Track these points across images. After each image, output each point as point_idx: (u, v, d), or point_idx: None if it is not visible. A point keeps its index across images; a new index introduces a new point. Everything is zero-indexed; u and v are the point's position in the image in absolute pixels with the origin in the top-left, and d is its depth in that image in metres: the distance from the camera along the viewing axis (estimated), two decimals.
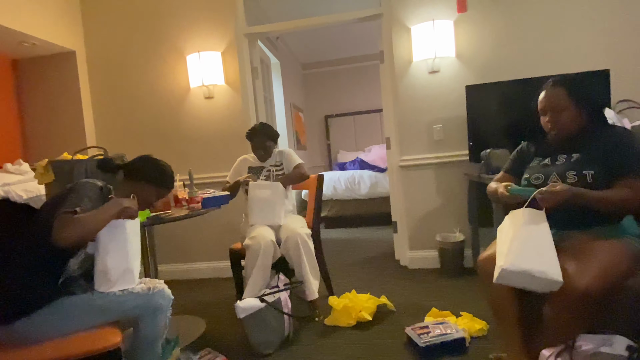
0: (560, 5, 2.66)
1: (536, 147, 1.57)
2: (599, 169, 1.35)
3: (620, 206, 1.32)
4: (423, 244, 2.95)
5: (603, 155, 1.37)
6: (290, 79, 5.53)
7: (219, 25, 3.04)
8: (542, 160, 1.51)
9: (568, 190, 1.27)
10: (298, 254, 2.05)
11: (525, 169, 1.54)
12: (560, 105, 1.43)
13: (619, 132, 1.42)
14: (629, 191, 1.30)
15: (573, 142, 1.46)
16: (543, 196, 1.29)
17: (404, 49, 2.87)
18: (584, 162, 1.39)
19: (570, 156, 1.43)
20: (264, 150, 2.37)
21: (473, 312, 1.97)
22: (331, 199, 4.69)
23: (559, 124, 1.45)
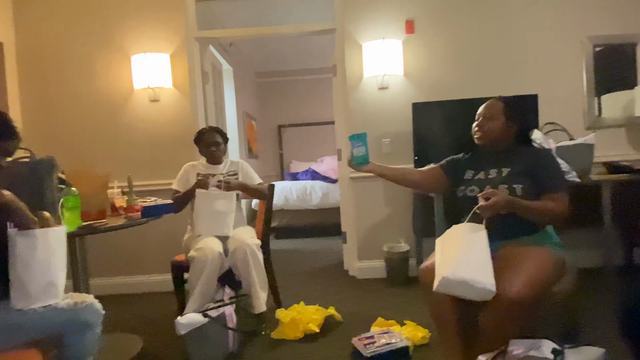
0: (497, 34, 2.89)
1: (470, 160, 1.69)
2: (527, 184, 1.48)
3: (547, 216, 1.45)
4: (371, 254, 3.01)
5: (530, 171, 1.50)
6: (244, 86, 5.45)
7: (168, 27, 2.93)
8: (476, 174, 1.62)
9: (504, 200, 1.36)
10: (246, 265, 1.98)
11: (460, 181, 1.64)
12: (492, 114, 1.57)
13: (544, 153, 1.58)
14: (554, 204, 1.44)
15: (502, 158, 1.58)
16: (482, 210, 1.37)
17: (355, 65, 2.95)
18: (513, 176, 1.51)
19: (501, 171, 1.55)
20: (216, 147, 2.27)
21: (416, 321, 2.03)
22: (282, 209, 4.64)
23: (483, 129, 1.58)
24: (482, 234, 1.38)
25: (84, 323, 1.25)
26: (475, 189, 1.55)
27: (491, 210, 1.37)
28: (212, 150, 2.27)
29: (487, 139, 1.59)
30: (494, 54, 2.90)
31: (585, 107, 2.88)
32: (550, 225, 1.56)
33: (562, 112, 2.82)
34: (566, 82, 2.88)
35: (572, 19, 2.86)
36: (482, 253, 1.34)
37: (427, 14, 2.91)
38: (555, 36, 2.87)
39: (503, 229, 1.49)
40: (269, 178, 6.00)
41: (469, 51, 2.91)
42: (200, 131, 2.33)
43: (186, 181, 2.27)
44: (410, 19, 2.91)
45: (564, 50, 2.88)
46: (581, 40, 2.86)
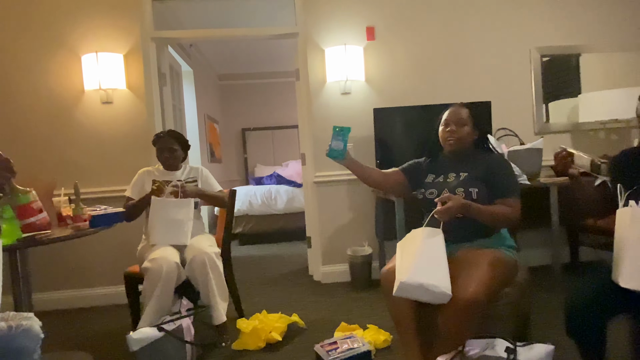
0: (452, 43, 3.00)
1: (430, 165, 1.74)
2: (482, 188, 1.54)
3: (500, 220, 1.51)
4: (335, 259, 3.01)
5: (486, 176, 1.56)
6: (205, 88, 5.31)
7: (122, 26, 2.79)
8: (435, 178, 1.67)
9: (460, 204, 1.41)
10: (205, 275, 1.91)
11: (421, 184, 1.69)
12: (463, 120, 1.63)
13: (499, 159, 1.64)
14: (507, 209, 1.50)
15: (462, 163, 1.64)
16: (439, 214, 1.41)
17: (318, 69, 2.95)
18: (470, 181, 1.57)
19: (459, 175, 1.61)
20: (169, 153, 2.17)
21: (379, 324, 2.04)
22: (247, 214, 4.56)
23: (458, 136, 1.62)
24: (439, 238, 1.41)
25: (18, 349, 1.13)
26: (434, 192, 1.60)
27: (447, 214, 1.41)
28: (165, 156, 2.17)
29: (460, 144, 1.63)
30: (449, 63, 3.00)
31: (534, 114, 3.05)
32: (505, 229, 1.63)
33: (513, 118, 2.97)
34: (517, 90, 3.04)
35: (521, 30, 3.02)
36: (438, 257, 1.38)
37: (387, 22, 2.96)
38: (506, 46, 3.02)
39: (460, 233, 1.55)
40: (233, 183, 5.88)
41: (427, 59, 2.99)
42: (157, 134, 2.23)
43: (141, 188, 2.16)
44: (370, 26, 2.95)
45: (515, 60, 3.03)
46: (530, 51, 3.03)
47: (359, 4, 2.95)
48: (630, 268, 1.16)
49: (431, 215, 1.44)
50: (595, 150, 2.98)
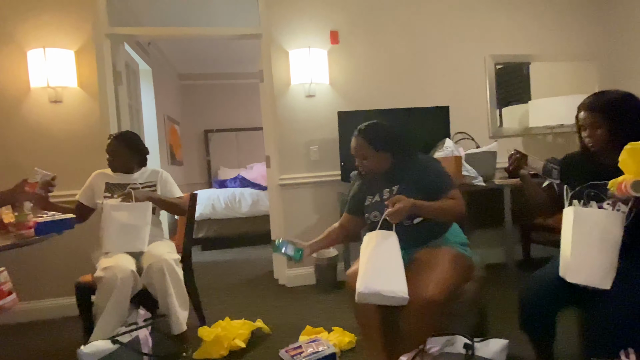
0: (413, 49, 3.09)
1: (368, 185, 1.71)
2: (418, 195, 1.51)
3: (449, 212, 1.53)
4: (301, 262, 2.98)
5: (417, 183, 1.56)
6: (165, 88, 5.13)
7: (73, 21, 2.63)
8: (372, 199, 1.66)
9: (409, 203, 1.42)
10: (163, 283, 1.82)
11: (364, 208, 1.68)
12: (363, 153, 1.59)
13: (423, 161, 1.63)
14: (453, 201, 1.53)
15: (390, 177, 1.63)
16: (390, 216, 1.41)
17: (282, 71, 2.93)
18: (403, 192, 1.54)
19: (392, 190, 1.60)
20: (113, 157, 2.05)
21: (344, 326, 2.05)
22: (210, 218, 4.44)
23: (367, 168, 1.62)
24: (393, 240, 1.43)
25: None
26: (378, 214, 1.57)
27: (398, 215, 1.41)
28: (109, 160, 2.06)
29: (370, 173, 1.64)
30: (410, 68, 3.09)
31: (489, 119, 3.20)
32: (455, 227, 1.67)
33: (470, 122, 3.10)
34: (473, 96, 3.18)
35: (477, 38, 3.17)
36: (393, 260, 1.39)
37: (350, 27, 3.00)
38: (463, 53, 3.16)
39: (413, 239, 1.57)
40: (195, 186, 5.71)
41: (389, 64, 3.06)
42: (108, 137, 2.12)
43: (91, 192, 2.04)
44: (334, 30, 2.98)
45: (471, 67, 3.17)
46: (485, 58, 3.18)
47: (323, 8, 2.97)
48: (576, 264, 1.24)
49: (383, 218, 1.45)
50: (543, 153, 3.17)
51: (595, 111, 1.34)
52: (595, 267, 1.21)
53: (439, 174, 1.58)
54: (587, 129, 1.37)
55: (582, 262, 1.23)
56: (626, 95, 1.34)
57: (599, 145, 1.35)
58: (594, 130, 1.35)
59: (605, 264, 1.21)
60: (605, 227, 1.22)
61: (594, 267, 1.21)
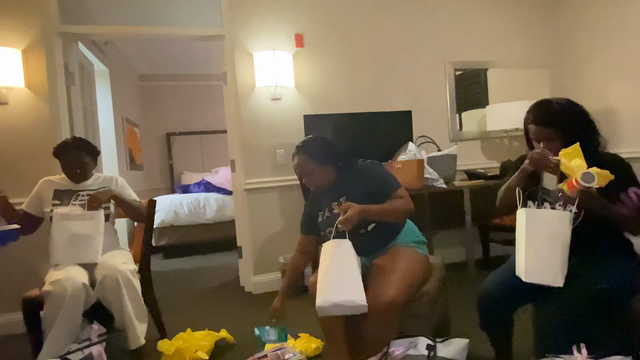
0: (376, 54, 3.14)
1: (316, 202, 1.72)
2: (367, 201, 1.52)
3: (398, 212, 1.56)
4: (268, 268, 2.95)
5: (363, 190, 1.57)
6: (124, 90, 4.91)
7: (20, 18, 2.46)
8: (324, 214, 1.67)
9: (358, 209, 1.43)
10: (118, 295, 1.73)
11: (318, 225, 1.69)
12: (307, 169, 1.60)
13: (364, 167, 1.64)
14: (401, 200, 1.56)
15: (336, 189, 1.64)
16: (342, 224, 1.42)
17: (247, 74, 2.88)
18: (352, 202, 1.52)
19: (340, 202, 1.61)
20: (80, 168, 1.94)
21: (310, 332, 2.03)
22: (172, 225, 4.28)
23: (314, 183, 1.63)
24: (347, 247, 1.43)
25: None
26: (331, 230, 1.54)
27: (350, 222, 1.42)
28: (76, 172, 1.93)
29: (318, 188, 1.65)
30: (374, 73, 3.14)
31: (449, 123, 3.31)
32: (409, 226, 1.70)
33: (431, 126, 3.19)
34: (434, 100, 3.27)
35: (437, 45, 3.27)
36: (348, 269, 1.39)
37: (315, 30, 3.01)
38: (424, 59, 3.25)
39: (368, 245, 1.59)
40: (156, 191, 5.49)
41: (353, 68, 3.09)
42: (61, 145, 1.96)
43: (39, 200, 1.90)
44: (299, 33, 2.97)
45: (431, 72, 3.27)
46: (445, 64, 3.29)
47: (287, 11, 2.95)
48: (530, 263, 1.29)
49: (335, 227, 1.45)
50: (500, 156, 3.33)
51: (547, 126, 1.39)
52: (547, 266, 1.26)
53: (382, 176, 1.61)
54: (543, 142, 1.41)
55: (535, 262, 1.28)
56: (568, 103, 1.42)
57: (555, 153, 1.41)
58: (550, 143, 1.39)
59: (556, 262, 1.26)
60: (555, 226, 1.28)
61: (546, 266, 1.26)
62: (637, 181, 1.34)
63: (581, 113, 1.41)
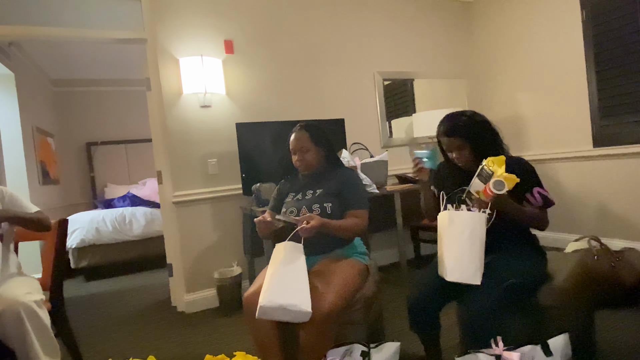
0: (308, 62, 3.16)
1: (291, 184, 1.80)
2: (335, 203, 1.65)
3: (352, 231, 1.64)
4: (201, 284, 2.80)
5: (338, 191, 1.68)
6: (33, 96, 4.40)
7: None
8: (295, 196, 1.74)
9: (319, 222, 1.48)
10: (21, 331, 1.50)
11: (284, 204, 1.73)
12: (305, 146, 1.70)
13: (348, 174, 1.75)
14: (356, 220, 1.64)
15: (317, 180, 1.73)
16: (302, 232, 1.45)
17: (172, 80, 2.74)
18: (325, 196, 1.67)
19: (315, 192, 1.70)
20: None
21: (247, 349, 1.94)
22: (94, 244, 3.89)
23: (305, 162, 1.71)
24: (300, 255, 1.46)
25: None
26: (294, 210, 1.66)
27: (309, 232, 1.46)
28: None
29: (309, 168, 1.72)
30: (307, 81, 3.16)
31: (380, 130, 3.44)
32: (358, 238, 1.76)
33: (363, 133, 3.29)
34: (365, 108, 3.39)
35: (366, 55, 3.39)
36: (298, 275, 1.41)
37: (245, 37, 2.95)
38: (355, 69, 3.35)
39: (317, 246, 1.61)
40: (76, 207, 4.99)
41: (285, 76, 3.09)
42: None
43: None
44: (228, 40, 2.90)
45: (362, 82, 3.38)
46: (374, 74, 3.42)
47: (215, 16, 2.86)
48: (450, 263, 1.37)
49: (294, 232, 1.48)
50: None
51: (456, 136, 1.52)
52: (466, 265, 1.35)
53: (357, 191, 1.70)
54: (454, 151, 1.54)
55: (456, 261, 1.36)
56: (472, 114, 1.55)
57: (467, 163, 1.53)
58: (460, 152, 1.52)
59: (475, 261, 1.35)
60: (474, 227, 1.37)
61: (465, 265, 1.35)
62: (540, 182, 1.49)
63: (485, 122, 1.55)
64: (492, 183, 1.32)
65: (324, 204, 1.63)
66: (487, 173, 1.37)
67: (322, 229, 1.50)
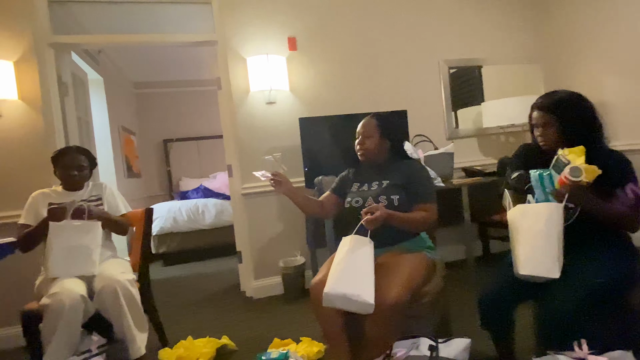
0: (370, 55, 3.14)
1: (355, 174, 1.81)
2: (403, 195, 1.62)
3: (420, 225, 1.60)
4: (268, 272, 2.94)
5: (405, 184, 1.64)
6: (119, 98, 4.90)
7: (10, 30, 2.46)
8: (360, 186, 1.74)
9: (385, 214, 1.46)
10: (117, 306, 1.71)
11: (348, 193, 1.74)
12: (368, 132, 1.70)
13: (415, 166, 1.72)
14: (425, 214, 1.59)
15: (382, 171, 1.72)
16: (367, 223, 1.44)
17: (241, 78, 2.88)
18: (391, 188, 1.65)
19: (381, 183, 1.68)
20: (79, 170, 1.93)
21: (312, 335, 2.02)
22: (171, 232, 4.26)
23: (363, 147, 1.71)
24: (368, 247, 1.45)
25: None
26: (360, 200, 1.66)
27: (374, 223, 1.44)
28: (73, 174, 1.93)
29: (367, 155, 1.71)
30: (368, 73, 3.13)
31: (445, 121, 3.31)
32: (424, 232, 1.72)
33: (427, 125, 3.19)
34: (429, 99, 3.27)
35: (430, 43, 3.27)
36: (364, 267, 1.40)
37: (307, 33, 3.00)
38: (418, 58, 3.25)
39: (383, 238, 1.59)
40: (155, 198, 5.48)
41: (347, 70, 3.09)
42: (61, 150, 1.97)
43: (36, 213, 1.89)
44: (292, 37, 2.97)
45: (426, 71, 3.27)
46: (439, 62, 3.29)
47: (279, 15, 2.95)
48: (524, 256, 1.29)
49: (360, 224, 1.47)
50: (496, 152, 3.33)
51: (547, 111, 1.40)
52: (541, 258, 1.26)
53: (424, 183, 1.66)
54: (540, 127, 1.43)
55: (529, 254, 1.28)
56: (576, 95, 1.42)
57: (550, 143, 1.41)
58: (546, 129, 1.41)
59: (551, 254, 1.25)
60: (549, 217, 1.28)
61: (540, 257, 1.26)
62: (636, 179, 1.33)
63: (587, 109, 1.41)
64: (568, 169, 1.22)
65: (390, 196, 1.61)
66: (563, 163, 1.26)
67: (388, 221, 1.47)
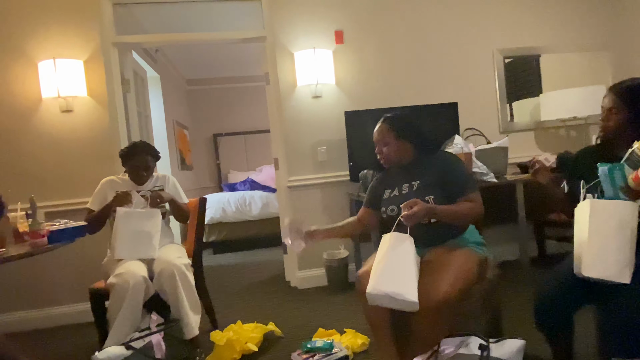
0: (418, 46, 3.05)
1: (383, 179, 1.72)
2: (438, 193, 1.51)
3: (465, 217, 1.51)
4: (312, 263, 2.99)
5: (438, 180, 1.54)
6: (173, 94, 5.18)
7: (81, 32, 2.67)
8: (391, 192, 1.65)
9: (424, 208, 1.39)
10: (174, 288, 1.83)
11: (381, 202, 1.66)
12: (383, 139, 1.61)
13: (446, 158, 1.61)
14: (470, 204, 1.50)
15: (410, 172, 1.61)
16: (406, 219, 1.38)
17: (288, 73, 2.93)
18: (424, 188, 1.54)
19: (412, 185, 1.59)
20: (147, 171, 2.09)
21: (356, 327, 2.03)
22: (220, 222, 4.46)
23: (384, 155, 1.62)
24: (408, 244, 1.39)
25: None
26: (394, 208, 1.57)
27: (413, 219, 1.38)
28: (142, 174, 2.09)
29: (389, 162, 1.63)
30: (416, 65, 3.05)
31: (499, 113, 3.14)
32: (472, 227, 1.64)
33: (479, 118, 3.05)
34: (482, 91, 3.12)
35: (483, 32, 3.12)
36: (406, 265, 1.36)
37: (354, 26, 2.98)
38: (470, 48, 3.11)
39: (429, 238, 1.54)
40: (205, 190, 5.75)
41: (394, 62, 3.03)
42: (130, 148, 2.11)
43: (103, 199, 2.06)
44: (339, 30, 2.96)
45: (478, 62, 3.12)
46: (493, 52, 3.12)
47: (326, 8, 2.95)
48: (591, 257, 1.20)
49: (398, 221, 1.41)
50: (556, 147, 3.11)
51: (617, 94, 1.30)
52: (612, 260, 1.17)
53: (461, 174, 1.55)
54: (606, 112, 1.33)
55: (598, 255, 1.19)
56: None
57: (609, 131, 1.31)
58: (612, 115, 1.31)
59: (622, 256, 1.16)
60: (622, 217, 1.18)
61: (610, 260, 1.17)
62: None
63: None
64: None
65: (424, 197, 1.50)
66: (638, 157, 1.15)
67: (429, 215, 1.42)
